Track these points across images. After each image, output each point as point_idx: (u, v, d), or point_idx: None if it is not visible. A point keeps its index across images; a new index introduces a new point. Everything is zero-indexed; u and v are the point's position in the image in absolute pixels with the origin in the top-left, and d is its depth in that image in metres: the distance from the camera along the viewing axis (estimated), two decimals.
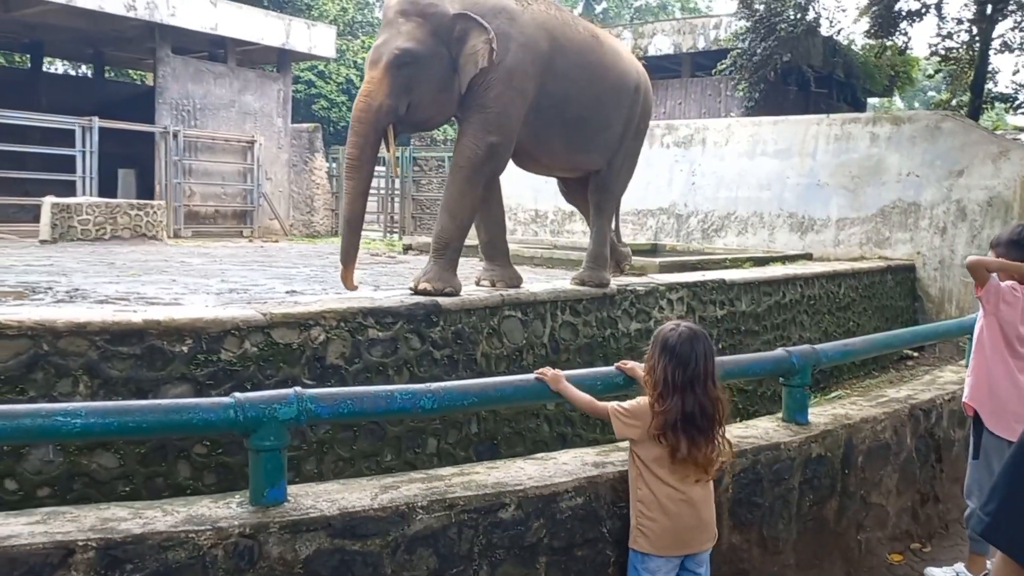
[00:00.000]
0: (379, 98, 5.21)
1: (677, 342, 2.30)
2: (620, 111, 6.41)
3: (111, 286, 6.58)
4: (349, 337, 4.76)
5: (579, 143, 6.22)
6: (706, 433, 2.29)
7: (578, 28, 6.11)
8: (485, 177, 5.67)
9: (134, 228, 12.15)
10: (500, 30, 5.46)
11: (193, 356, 4.18)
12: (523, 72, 5.59)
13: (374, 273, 8.55)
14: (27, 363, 3.84)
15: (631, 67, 6.60)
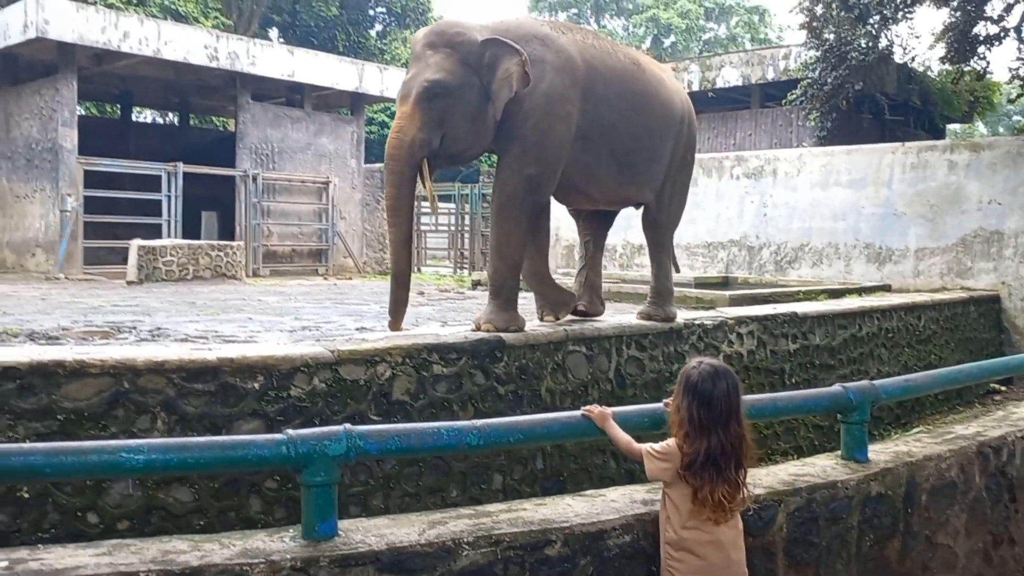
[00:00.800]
0: (411, 133, 5.08)
1: (699, 380, 2.29)
2: (667, 142, 6.15)
3: (191, 325, 6.85)
4: (414, 373, 4.85)
5: (629, 175, 5.96)
6: (727, 474, 2.26)
7: (618, 56, 5.85)
8: (528, 211, 5.47)
9: (215, 268, 12.62)
10: (534, 55, 5.26)
11: (264, 392, 4.32)
12: (562, 96, 5.35)
13: (442, 309, 8.68)
14: (109, 400, 4.03)
15: (676, 96, 6.34)
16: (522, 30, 5.44)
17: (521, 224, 5.45)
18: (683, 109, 6.34)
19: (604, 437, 2.46)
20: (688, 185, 6.80)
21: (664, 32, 38.14)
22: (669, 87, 6.24)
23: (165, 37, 15.52)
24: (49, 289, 10.99)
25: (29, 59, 16.15)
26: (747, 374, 7.21)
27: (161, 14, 21.90)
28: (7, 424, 3.87)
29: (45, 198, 15.23)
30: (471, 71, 5.16)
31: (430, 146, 5.13)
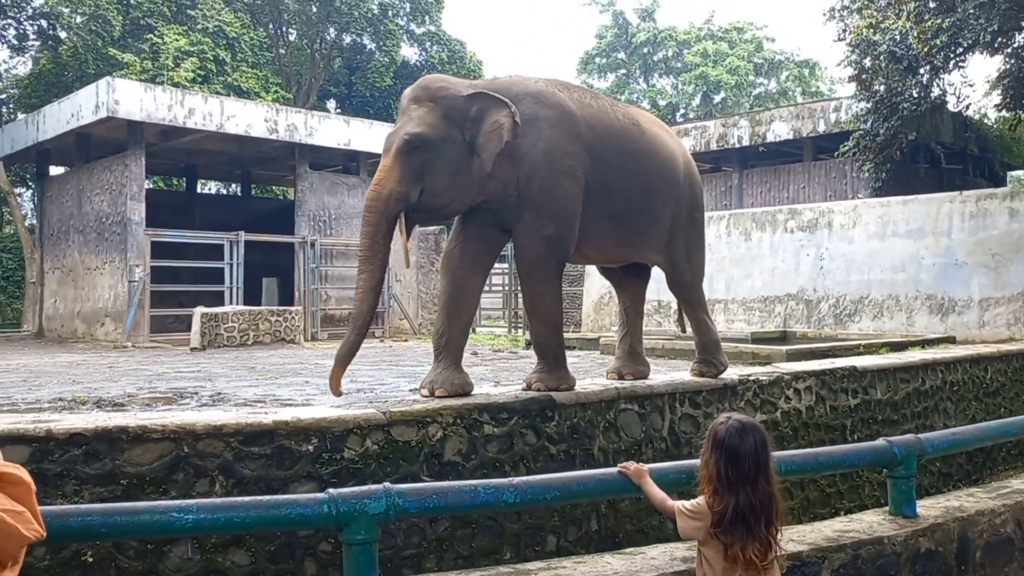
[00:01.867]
0: (389, 185, 4.98)
1: (727, 436, 2.26)
2: (668, 202, 6.03)
3: (250, 389, 7.01)
4: (465, 434, 4.87)
5: (630, 237, 5.89)
6: (757, 531, 2.22)
7: (617, 115, 5.76)
8: (555, 270, 5.43)
9: (274, 333, 12.92)
10: (528, 114, 5.20)
11: (319, 455, 4.39)
12: (563, 151, 5.28)
13: (495, 369, 8.72)
14: (170, 465, 4.14)
15: (678, 156, 6.20)
16: (515, 88, 5.36)
17: (552, 283, 5.43)
18: (685, 169, 6.24)
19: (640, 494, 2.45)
20: (702, 242, 6.70)
21: (714, 89, 38.37)
22: (670, 147, 6.14)
23: (228, 112, 16.22)
24: (117, 357, 11.36)
25: (101, 137, 17.01)
26: (806, 431, 7.05)
27: (224, 91, 22.89)
28: (73, 490, 4.00)
29: (114, 269, 15.85)
30: (454, 125, 5.09)
31: (408, 199, 5.02)
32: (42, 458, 4.01)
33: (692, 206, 6.34)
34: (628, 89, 40.73)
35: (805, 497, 6.74)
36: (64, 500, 3.99)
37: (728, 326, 14.16)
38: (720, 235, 14.70)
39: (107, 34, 22.95)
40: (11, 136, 19.54)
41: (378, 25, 29.94)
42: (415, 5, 31.51)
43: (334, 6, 28.75)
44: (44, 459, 4.01)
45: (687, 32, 40.65)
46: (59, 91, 21.95)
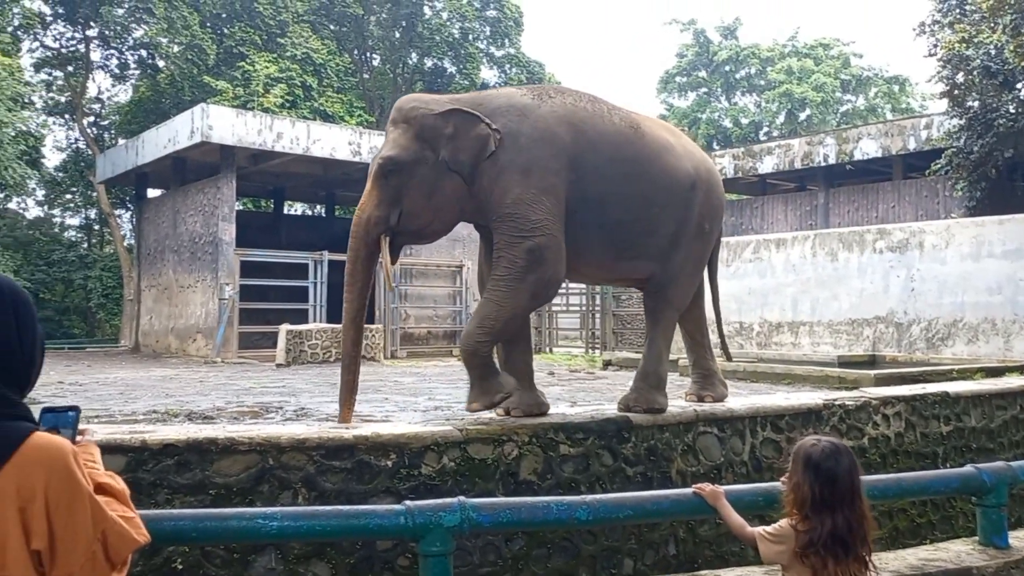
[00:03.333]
0: (368, 210, 4.97)
1: (821, 458, 2.22)
2: (670, 211, 5.53)
3: (332, 405, 7.17)
4: (541, 453, 4.88)
5: (624, 250, 5.45)
6: (854, 553, 2.16)
7: (612, 120, 5.37)
8: (534, 286, 4.96)
9: None
10: (508, 128, 5.01)
11: (397, 470, 4.46)
12: (542, 168, 4.99)
13: (572, 389, 8.70)
14: (256, 476, 4.27)
15: (685, 161, 5.68)
16: (497, 101, 5.19)
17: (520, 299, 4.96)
18: (697, 175, 5.70)
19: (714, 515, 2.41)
20: (704, 257, 6.02)
21: (798, 107, 37.61)
22: (676, 152, 5.64)
23: (314, 136, 16.76)
24: (207, 372, 11.78)
25: (195, 161, 17.77)
26: (895, 458, 6.80)
27: (311, 115, 23.64)
28: (166, 499, 4.17)
29: (206, 287, 16.48)
30: (427, 145, 4.99)
31: (387, 223, 4.96)
32: (137, 467, 4.20)
33: (704, 216, 5.78)
34: (710, 108, 40.30)
35: (893, 527, 6.48)
36: (156, 508, 4.16)
37: (814, 349, 13.79)
38: (805, 255, 14.36)
39: (202, 63, 24.01)
40: (112, 160, 20.60)
41: (459, 49, 30.48)
42: (495, 29, 31.98)
43: (416, 32, 29.42)
44: (139, 468, 4.19)
45: (771, 49, 40.03)
46: (157, 117, 23.05)
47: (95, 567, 1.46)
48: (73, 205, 31.04)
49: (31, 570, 1.40)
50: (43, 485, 1.41)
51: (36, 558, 1.42)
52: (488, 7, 31.72)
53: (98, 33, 25.59)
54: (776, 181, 23.63)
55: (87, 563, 1.45)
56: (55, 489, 1.42)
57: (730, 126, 39.41)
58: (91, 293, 25.94)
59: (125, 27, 24.89)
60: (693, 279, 5.95)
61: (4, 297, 1.52)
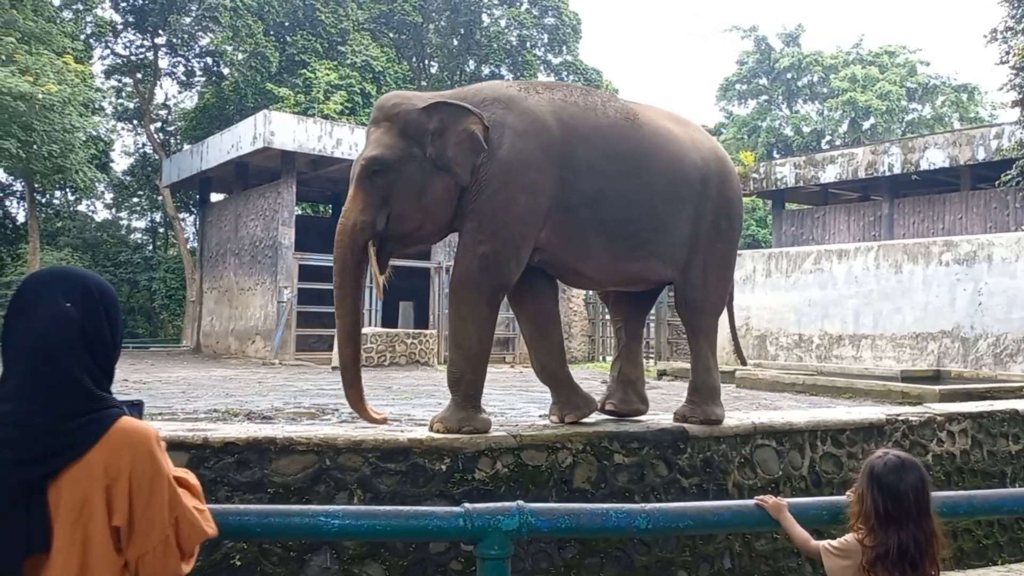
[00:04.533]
0: (352, 216, 4.64)
1: (885, 471, 2.16)
2: (679, 207, 5.19)
3: (387, 408, 7.23)
4: (595, 461, 4.85)
5: (628, 249, 5.09)
6: (921, 570, 2.10)
7: (607, 112, 5.04)
8: (487, 295, 4.76)
9: (409, 355, 13.30)
10: (494, 119, 4.73)
11: (451, 474, 4.48)
12: (524, 163, 4.70)
13: None
14: (312, 476, 4.33)
15: (693, 152, 5.29)
16: (482, 94, 4.92)
17: (479, 309, 4.76)
18: (707, 167, 5.31)
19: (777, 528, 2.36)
20: (730, 257, 5.65)
21: (862, 115, 36.81)
22: (681, 143, 5.25)
23: None
24: (265, 373, 12.00)
25: (257, 166, 18.16)
26: (960, 476, 6.59)
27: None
28: (226, 496, 4.25)
29: (265, 290, 16.81)
30: (412, 143, 4.69)
31: (374, 228, 4.64)
32: (199, 464, 4.29)
33: (719, 212, 5.38)
34: (770, 116, 39.73)
35: (959, 547, 6.27)
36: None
37: (876, 363, 13.46)
38: (868, 267, 14.03)
39: (265, 70, 24.55)
40: (178, 165, 21.18)
41: (516, 56, 30.61)
42: (553, 36, 32.03)
43: (474, 39, 29.64)
44: (200, 465, 4.28)
45: (834, 57, 39.30)
46: (221, 123, 23.63)
47: (167, 552, 1.55)
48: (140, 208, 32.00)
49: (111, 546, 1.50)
50: (128, 466, 1.52)
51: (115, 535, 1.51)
52: (547, 14, 31.80)
53: (166, 41, 26.37)
54: (839, 191, 23.16)
55: (160, 546, 1.54)
56: (138, 470, 1.53)
57: (791, 134, 38.77)
58: (155, 294, 26.68)
59: (192, 35, 25.60)
60: (722, 282, 5.58)
61: (94, 295, 1.63)
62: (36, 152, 14.98)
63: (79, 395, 1.53)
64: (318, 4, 25.68)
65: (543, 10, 31.71)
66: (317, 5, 25.65)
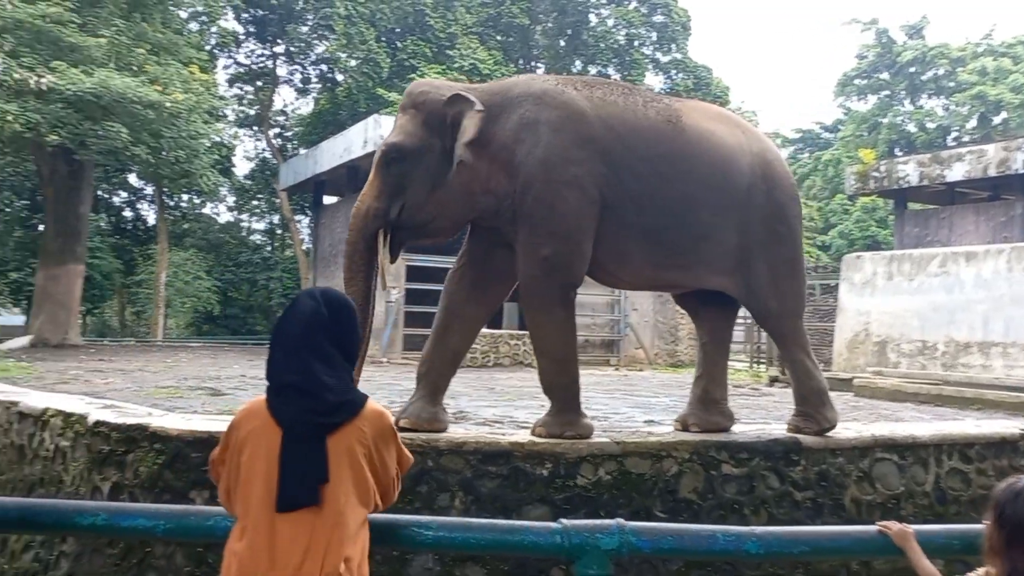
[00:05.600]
0: (367, 201, 4.65)
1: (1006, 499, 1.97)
2: (724, 215, 4.93)
3: (490, 409, 7.23)
4: (702, 471, 4.69)
5: (672, 258, 4.91)
6: None
7: (647, 113, 4.83)
8: (558, 296, 4.66)
9: (513, 356, 13.32)
10: (528, 117, 4.59)
11: (552, 479, 4.41)
12: (564, 159, 4.55)
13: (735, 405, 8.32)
14: (415, 477, 4.35)
15: (737, 159, 5.00)
16: (516, 90, 4.79)
17: (554, 312, 4.67)
18: (754, 172, 5.04)
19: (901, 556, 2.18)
20: (796, 258, 5.33)
21: (993, 110, 34.61)
22: (726, 145, 4.99)
23: None
24: (373, 372, 12.26)
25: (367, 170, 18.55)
26: None
27: None
28: None
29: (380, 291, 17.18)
30: (433, 133, 4.63)
31: (386, 216, 4.61)
32: None
33: (772, 217, 5.10)
34: (892, 111, 37.92)
35: None
36: None
37: (1007, 372, 12.59)
38: (999, 270, 13.15)
39: (377, 75, 25.15)
40: (294, 169, 21.94)
41: (624, 55, 30.31)
42: (662, 34, 31.55)
43: (581, 39, 29.52)
44: None
45: (961, 49, 37.13)
46: (334, 128, 24.35)
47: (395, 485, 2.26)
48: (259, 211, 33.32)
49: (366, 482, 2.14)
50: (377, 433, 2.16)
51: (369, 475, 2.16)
52: (655, 12, 31.34)
53: (284, 50, 27.39)
54: (967, 190, 21.84)
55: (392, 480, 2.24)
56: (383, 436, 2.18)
57: (915, 131, 36.88)
58: (272, 293, 27.73)
59: (308, 43, 26.49)
60: (793, 282, 5.26)
61: (346, 305, 2.26)
62: (164, 158, 15.78)
63: (343, 372, 2.16)
64: (427, 9, 26.15)
65: (652, 8, 31.27)
66: (427, 10, 26.11)
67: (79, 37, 13.76)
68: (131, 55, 14.90)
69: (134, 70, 14.70)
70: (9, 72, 12.98)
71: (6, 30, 13.49)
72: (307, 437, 2.08)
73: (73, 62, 13.49)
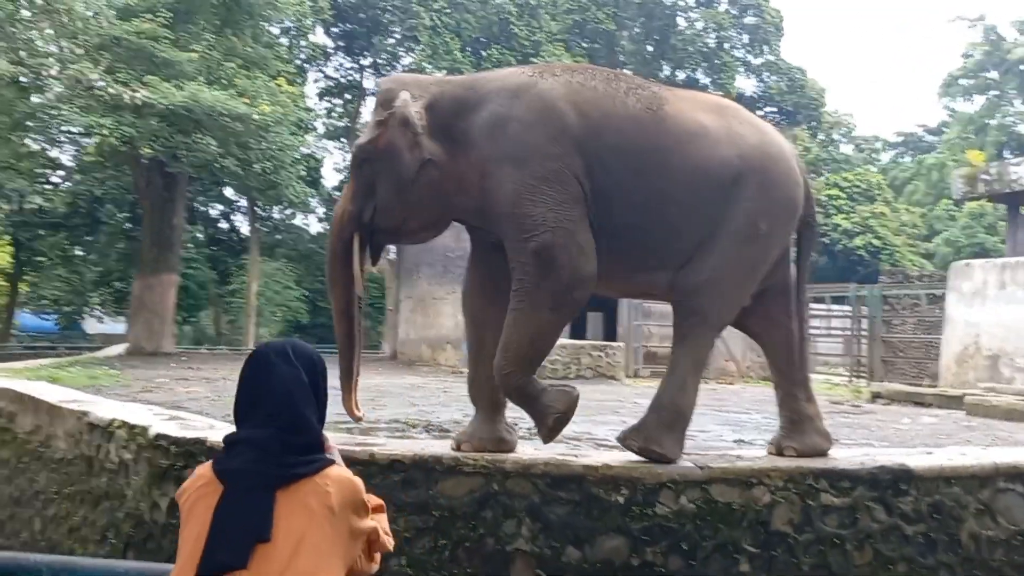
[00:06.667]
0: (342, 204, 4.57)
1: None
2: (700, 211, 4.41)
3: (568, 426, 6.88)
4: (798, 501, 4.22)
5: (638, 261, 4.51)
6: None
7: (626, 101, 4.40)
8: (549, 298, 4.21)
9: (595, 368, 12.91)
10: (499, 113, 4.33)
11: (628, 507, 4.04)
12: (538, 154, 4.23)
13: (833, 425, 7.71)
14: (479, 500, 4.05)
15: (723, 149, 4.46)
16: (491, 84, 4.53)
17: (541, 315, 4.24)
18: (742, 165, 4.46)
19: None
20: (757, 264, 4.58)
21: None
22: (710, 138, 4.46)
23: None
24: (453, 382, 12.06)
25: None
26: None
27: None
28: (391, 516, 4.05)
29: (455, 299, 17.03)
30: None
31: (360, 219, 4.45)
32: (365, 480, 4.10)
33: (757, 213, 4.47)
34: (1000, 112, 35.87)
35: None
36: None
37: None
38: None
39: None
40: None
41: (713, 59, 29.56)
42: (753, 36, 30.70)
43: (669, 44, 28.94)
44: (367, 482, 4.08)
45: None
46: None
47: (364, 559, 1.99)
48: None
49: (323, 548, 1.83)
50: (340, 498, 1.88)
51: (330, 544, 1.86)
52: (746, 13, 30.52)
53: (371, 62, 27.76)
54: None
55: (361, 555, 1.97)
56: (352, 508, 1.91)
57: None
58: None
59: (395, 55, 26.77)
60: (738, 290, 4.57)
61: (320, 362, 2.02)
62: (252, 170, 16.04)
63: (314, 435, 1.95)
64: (512, 18, 26.06)
65: (742, 9, 30.46)
66: (511, 19, 26.03)
67: (172, 52, 14.11)
68: (221, 69, 15.21)
69: (223, 83, 14.99)
70: (105, 87, 13.38)
71: (104, 47, 13.94)
72: (252, 488, 1.83)
73: (165, 76, 13.83)
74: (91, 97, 13.60)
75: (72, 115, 14.04)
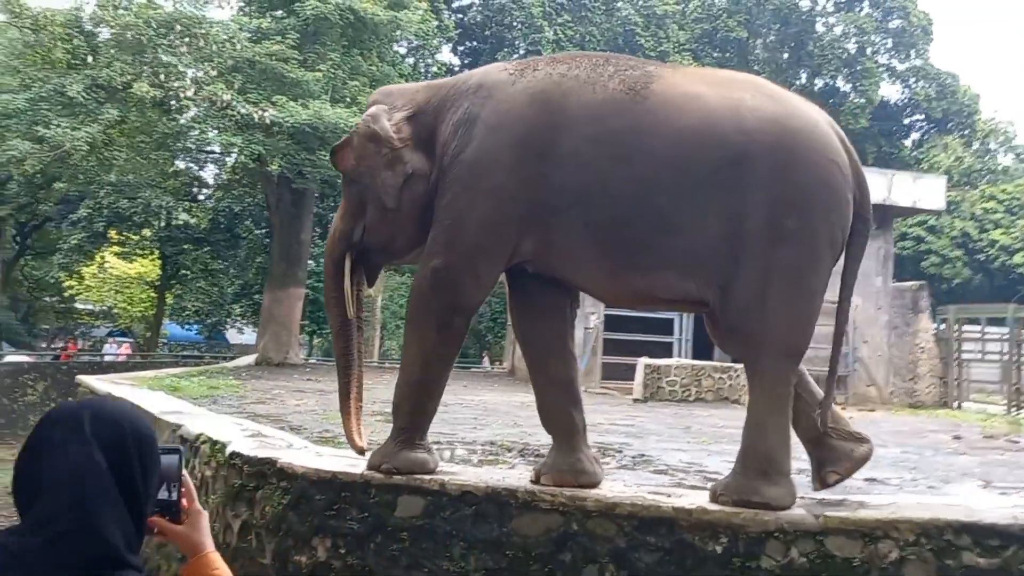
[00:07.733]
0: (335, 222, 4.47)
1: None
2: (695, 198, 3.76)
3: (677, 454, 6.37)
4: (933, 559, 3.58)
5: (628, 258, 3.91)
6: None
7: (608, 84, 3.89)
8: (438, 317, 4.02)
9: (717, 391, 12.20)
10: (468, 115, 4.03)
11: (728, 559, 3.53)
12: (491, 163, 3.93)
13: (985, 463, 6.83)
14: (557, 540, 3.66)
15: (719, 124, 3.76)
16: (469, 82, 4.22)
17: (427, 332, 4.05)
18: (748, 142, 3.72)
19: None
20: (803, 268, 3.80)
21: None
22: (706, 112, 3.80)
23: None
24: None
25: None
26: None
27: None
28: (460, 554, 3.72)
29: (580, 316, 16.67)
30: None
31: (350, 238, 4.28)
32: (435, 513, 3.82)
33: (778, 204, 3.73)
34: None
35: None
36: (451, 564, 3.73)
37: None
38: None
39: None
40: None
41: (854, 65, 27.97)
42: (898, 40, 28.88)
43: (806, 50, 27.64)
44: (436, 514, 3.82)
45: None
46: None
47: None
48: None
49: None
50: None
51: None
52: (891, 17, 28.75)
53: None
54: None
55: None
56: None
57: None
58: (481, 316, 28.16)
59: None
60: (794, 305, 3.82)
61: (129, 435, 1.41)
62: None
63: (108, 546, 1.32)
64: (638, 29, 25.59)
65: (886, 12, 28.72)
66: (637, 30, 25.56)
67: (299, 73, 14.51)
68: (345, 88, 15.52)
69: (347, 102, 15.28)
70: (237, 107, 13.88)
71: (236, 68, 14.49)
72: None
73: (292, 96, 14.21)
74: (224, 117, 14.16)
75: (206, 135, 14.65)
